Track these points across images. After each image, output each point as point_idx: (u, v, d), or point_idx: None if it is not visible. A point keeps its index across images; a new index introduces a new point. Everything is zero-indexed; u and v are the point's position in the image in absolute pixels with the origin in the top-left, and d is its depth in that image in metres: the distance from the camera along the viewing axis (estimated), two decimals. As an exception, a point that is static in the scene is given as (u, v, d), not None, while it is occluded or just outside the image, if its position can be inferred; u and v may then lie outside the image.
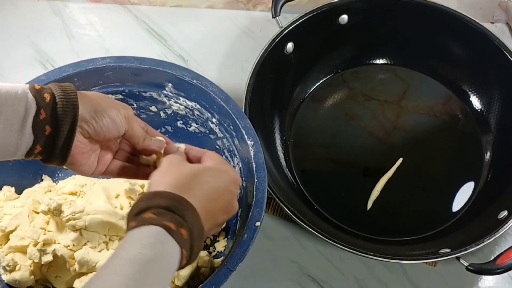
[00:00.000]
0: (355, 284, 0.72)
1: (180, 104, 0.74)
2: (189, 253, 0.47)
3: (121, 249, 0.44)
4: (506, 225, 0.67)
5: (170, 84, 0.72)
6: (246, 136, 0.67)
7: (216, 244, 0.71)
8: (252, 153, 0.66)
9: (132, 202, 0.69)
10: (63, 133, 0.50)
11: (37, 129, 0.49)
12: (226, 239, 0.71)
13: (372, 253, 0.65)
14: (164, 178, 0.50)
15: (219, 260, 0.68)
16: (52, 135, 0.50)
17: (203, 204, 0.49)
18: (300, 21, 0.81)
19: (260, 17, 0.96)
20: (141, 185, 0.70)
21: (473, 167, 0.80)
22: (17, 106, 0.48)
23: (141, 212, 0.46)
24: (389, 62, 0.89)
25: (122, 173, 0.59)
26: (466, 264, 0.64)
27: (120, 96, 0.74)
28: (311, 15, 0.82)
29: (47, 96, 0.50)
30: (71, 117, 0.50)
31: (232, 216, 0.54)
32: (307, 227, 0.66)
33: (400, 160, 0.79)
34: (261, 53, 0.78)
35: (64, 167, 0.54)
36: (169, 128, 0.78)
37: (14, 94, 0.49)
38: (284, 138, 0.82)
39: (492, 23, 0.95)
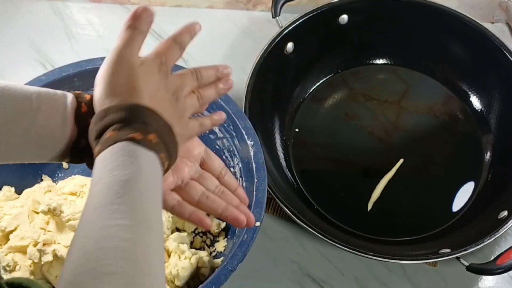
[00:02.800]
0: (355, 284, 0.72)
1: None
2: (167, 154, 0.45)
3: (95, 179, 0.42)
4: (506, 225, 0.67)
5: (170, 84, 0.72)
6: (246, 136, 0.67)
7: (216, 244, 0.71)
8: (252, 153, 0.66)
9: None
10: None
11: (81, 122, 0.48)
12: (226, 239, 0.71)
13: (372, 253, 0.65)
14: (106, 92, 0.46)
15: (219, 260, 0.68)
16: None
17: (152, 100, 0.46)
18: (300, 21, 0.81)
19: (260, 17, 0.96)
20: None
21: (473, 167, 0.80)
22: (56, 99, 0.48)
23: (101, 134, 0.44)
24: (389, 62, 0.89)
25: (177, 208, 0.53)
26: (466, 264, 0.64)
27: (120, 96, 0.74)
28: (311, 15, 0.82)
29: (88, 96, 0.50)
30: None
31: (180, 98, 0.50)
32: (307, 227, 0.66)
33: (401, 161, 0.79)
34: (261, 53, 0.78)
35: None
36: (169, 128, 0.78)
37: (53, 92, 0.49)
38: (284, 138, 0.82)
39: (492, 23, 0.95)
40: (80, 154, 0.50)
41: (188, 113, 0.51)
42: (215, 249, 0.71)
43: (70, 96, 0.49)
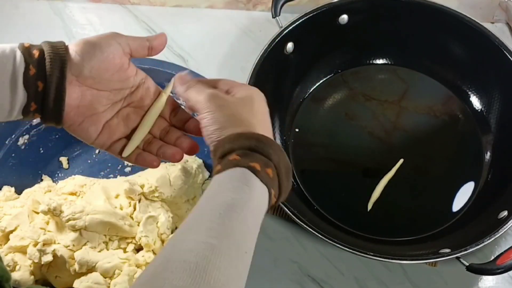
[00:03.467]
0: (355, 284, 0.72)
1: (180, 104, 0.74)
2: (277, 192, 0.46)
3: (207, 194, 0.43)
4: (506, 225, 0.67)
5: (170, 84, 0.72)
6: (246, 136, 0.67)
7: (216, 244, 0.71)
8: (252, 153, 0.66)
9: (132, 202, 0.70)
10: (53, 86, 0.48)
11: (29, 85, 0.48)
12: (226, 239, 0.71)
13: (372, 253, 0.65)
14: (235, 118, 0.48)
15: (219, 260, 0.68)
16: (44, 90, 0.49)
17: (269, 134, 0.48)
18: (300, 21, 0.81)
19: (260, 17, 0.96)
20: (141, 185, 0.70)
21: (473, 167, 0.80)
22: (5, 63, 0.48)
23: (226, 155, 0.45)
24: (389, 62, 0.89)
25: (136, 158, 0.55)
26: (466, 264, 0.64)
27: (120, 96, 0.74)
28: (311, 15, 0.82)
29: (36, 52, 0.49)
30: (59, 68, 0.48)
31: None
32: (307, 227, 0.66)
33: (401, 161, 0.79)
34: (261, 53, 0.78)
35: (66, 128, 0.52)
36: (169, 128, 0.78)
37: (1, 53, 0.48)
38: (284, 138, 0.82)
39: (492, 23, 0.95)
40: (32, 114, 0.50)
41: None
42: (215, 249, 0.70)
43: (18, 55, 0.48)
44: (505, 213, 0.69)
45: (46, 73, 0.48)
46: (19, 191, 0.72)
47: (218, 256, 0.38)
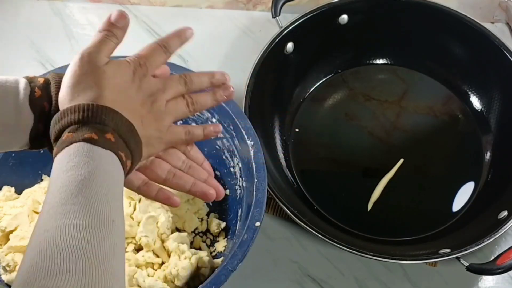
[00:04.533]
0: (355, 284, 0.72)
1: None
2: (128, 153, 0.45)
3: (51, 180, 0.42)
4: (506, 225, 0.67)
5: (170, 84, 0.72)
6: (246, 136, 0.67)
7: (216, 244, 0.71)
8: (252, 153, 0.66)
9: (132, 202, 0.70)
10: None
11: (36, 107, 0.48)
12: (226, 239, 0.71)
13: (372, 253, 0.65)
14: (68, 93, 0.46)
15: (219, 260, 0.68)
16: (50, 111, 0.48)
17: (116, 101, 0.46)
18: (300, 21, 0.81)
19: (260, 17, 0.96)
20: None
21: (473, 167, 0.80)
22: (7, 86, 0.48)
23: (59, 136, 0.44)
24: (389, 62, 0.89)
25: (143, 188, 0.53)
26: (466, 264, 0.64)
27: (120, 96, 0.74)
28: (311, 15, 0.82)
29: (41, 79, 0.49)
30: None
31: (157, 103, 0.50)
32: (307, 227, 0.66)
33: (401, 161, 0.79)
34: (261, 53, 0.78)
35: None
36: (169, 128, 0.78)
37: (4, 79, 0.48)
38: (284, 138, 0.82)
39: (492, 23, 0.95)
40: (39, 140, 0.49)
41: (170, 117, 0.51)
42: (215, 249, 0.71)
43: (22, 81, 0.49)
44: (505, 213, 0.69)
45: (52, 95, 0.48)
46: (19, 191, 0.72)
47: (90, 232, 0.38)
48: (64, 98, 0.46)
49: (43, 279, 0.34)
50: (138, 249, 0.68)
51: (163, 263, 0.67)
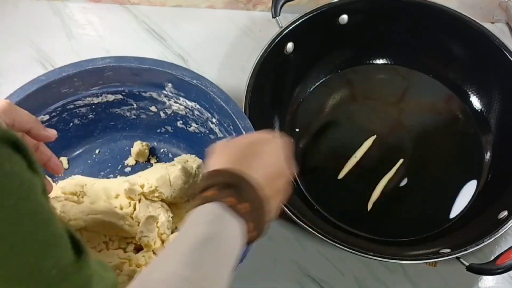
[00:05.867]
0: (355, 284, 0.72)
1: (180, 104, 0.74)
2: (255, 225, 0.47)
3: (182, 228, 0.45)
4: (506, 225, 0.67)
5: (170, 84, 0.72)
6: (246, 136, 0.67)
7: (216, 244, 0.71)
8: (252, 153, 0.66)
9: (132, 202, 0.70)
10: None
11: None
12: (226, 239, 0.71)
13: (372, 253, 0.65)
14: (222, 157, 0.51)
15: (219, 260, 0.68)
16: None
17: (261, 173, 0.49)
18: (300, 21, 0.81)
19: (260, 17, 0.96)
20: (141, 185, 0.70)
21: (473, 167, 0.80)
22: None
23: (204, 191, 0.47)
24: (389, 62, 0.89)
25: None
26: (466, 264, 0.64)
27: (120, 96, 0.74)
28: (311, 15, 0.82)
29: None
30: None
31: (290, 179, 0.54)
32: (307, 227, 0.66)
33: (401, 161, 0.79)
34: (261, 53, 0.78)
35: None
36: (169, 128, 0.78)
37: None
38: (284, 138, 0.82)
39: (492, 23, 0.95)
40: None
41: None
42: (215, 249, 0.70)
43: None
44: (505, 213, 0.69)
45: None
46: (19, 191, 0.72)
47: (191, 285, 0.39)
48: (216, 159, 0.51)
49: None
50: (138, 249, 0.68)
51: (163, 263, 0.67)
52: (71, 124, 0.76)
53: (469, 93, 0.86)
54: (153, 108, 0.76)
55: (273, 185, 0.51)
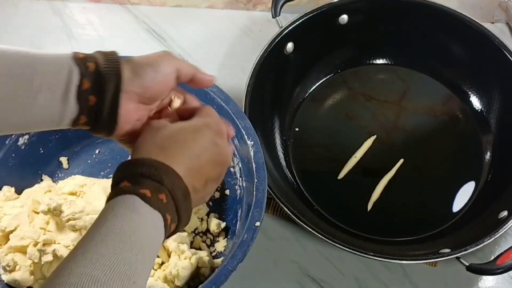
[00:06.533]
0: (355, 284, 0.72)
1: (180, 104, 0.74)
2: (175, 217, 0.46)
3: (96, 223, 0.42)
4: (506, 225, 0.67)
5: (170, 84, 0.72)
6: (246, 136, 0.67)
7: (216, 244, 0.71)
8: (252, 153, 0.66)
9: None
10: (107, 102, 0.48)
11: (82, 99, 0.48)
12: (226, 239, 0.71)
13: (372, 253, 0.65)
14: (144, 145, 0.49)
15: (219, 260, 0.68)
16: (97, 105, 0.48)
17: (186, 163, 0.47)
18: (300, 21, 0.81)
19: (260, 17, 0.96)
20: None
21: (473, 167, 0.80)
22: (59, 75, 0.47)
23: (119, 182, 0.45)
24: (389, 62, 0.89)
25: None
26: (466, 264, 0.64)
27: (120, 96, 0.74)
28: (311, 15, 0.82)
29: (91, 65, 0.48)
30: (114, 84, 0.48)
31: (226, 167, 0.52)
32: (307, 227, 0.66)
33: (401, 161, 0.79)
34: (261, 53, 0.78)
35: (116, 140, 0.53)
36: (169, 128, 0.78)
37: (57, 63, 0.47)
38: (284, 138, 0.82)
39: (492, 23, 0.95)
40: (79, 126, 0.50)
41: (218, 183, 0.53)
42: (215, 249, 0.71)
43: (73, 66, 0.47)
44: (505, 213, 0.69)
45: (101, 88, 0.48)
46: (19, 191, 0.72)
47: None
48: (139, 148, 0.48)
49: None
50: (138, 249, 0.68)
51: (163, 263, 0.67)
52: (71, 124, 0.76)
53: (469, 93, 0.86)
54: (153, 108, 0.76)
55: (199, 176, 0.49)
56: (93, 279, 0.37)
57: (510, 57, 0.79)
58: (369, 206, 0.77)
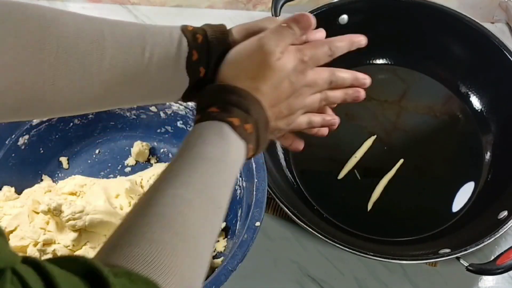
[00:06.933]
0: (355, 284, 0.72)
1: (180, 104, 0.74)
2: (255, 146, 0.46)
3: (186, 146, 0.43)
4: (506, 225, 0.67)
5: (170, 84, 0.72)
6: (246, 136, 0.67)
7: (216, 244, 0.71)
8: (252, 153, 0.66)
9: (132, 202, 0.70)
10: (210, 72, 0.48)
11: (191, 70, 0.48)
12: (226, 239, 0.71)
13: (372, 253, 0.65)
14: (231, 71, 0.47)
15: (219, 260, 0.68)
16: (206, 76, 0.49)
17: (269, 94, 0.47)
18: (300, 21, 0.81)
19: (260, 17, 0.93)
20: (141, 185, 0.71)
21: (473, 167, 0.80)
22: (169, 46, 0.47)
23: (207, 107, 0.45)
24: (389, 62, 0.89)
25: None
26: (466, 264, 0.64)
27: (120, 96, 0.74)
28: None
29: (199, 37, 0.48)
30: (222, 53, 0.48)
31: (308, 94, 0.50)
32: (307, 227, 0.66)
33: (401, 161, 0.79)
34: (261, 53, 0.78)
35: None
36: (169, 128, 0.78)
37: (168, 35, 0.48)
38: (284, 138, 0.82)
39: (492, 23, 0.95)
40: (190, 97, 0.50)
41: (303, 111, 0.52)
42: (215, 249, 0.71)
43: (184, 43, 0.47)
44: (505, 213, 0.69)
45: (211, 59, 0.48)
46: (19, 191, 0.72)
47: (193, 211, 0.38)
48: (226, 74, 0.47)
49: (128, 245, 0.35)
50: (138, 249, 0.68)
51: (163, 263, 0.67)
52: (71, 124, 0.76)
53: (469, 93, 0.86)
54: (153, 108, 0.76)
55: (278, 108, 0.48)
56: (186, 201, 0.38)
57: (510, 57, 0.79)
58: (369, 206, 0.76)
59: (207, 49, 0.48)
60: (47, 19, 0.46)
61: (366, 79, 0.55)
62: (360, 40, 0.54)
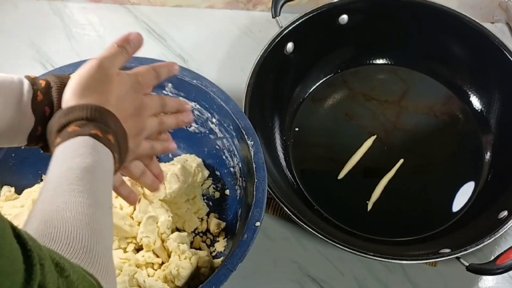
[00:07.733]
0: (355, 284, 0.72)
1: (180, 104, 0.74)
2: (119, 157, 0.49)
3: (54, 165, 0.45)
4: (506, 225, 0.67)
5: (170, 84, 0.72)
6: (246, 136, 0.67)
7: (216, 244, 0.71)
8: (252, 153, 0.66)
9: (132, 202, 0.70)
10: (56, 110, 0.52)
11: (37, 110, 0.51)
12: (226, 239, 0.71)
13: (372, 253, 0.65)
14: (77, 92, 0.50)
15: (219, 260, 0.68)
16: (51, 116, 0.51)
17: (118, 107, 0.51)
18: (300, 21, 0.81)
19: (260, 17, 0.96)
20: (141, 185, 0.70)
21: (473, 167, 0.80)
22: (13, 88, 0.51)
23: (63, 128, 0.48)
24: (389, 62, 0.89)
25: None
26: (466, 264, 0.64)
27: (120, 96, 0.74)
28: (311, 15, 0.82)
29: (42, 82, 0.53)
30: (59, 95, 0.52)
31: (147, 115, 0.55)
32: (307, 227, 0.66)
33: (401, 161, 0.79)
34: (261, 53, 0.78)
35: None
36: (169, 128, 0.78)
37: (10, 79, 0.51)
38: (284, 138, 0.82)
39: (492, 23, 0.95)
40: (35, 140, 0.53)
41: (145, 132, 0.56)
42: (215, 249, 0.71)
43: (26, 84, 0.52)
44: (505, 213, 0.69)
45: (53, 101, 0.52)
46: (19, 191, 0.72)
47: (92, 210, 0.42)
48: (72, 96, 0.50)
49: (49, 243, 0.37)
50: (138, 249, 0.68)
51: (163, 263, 0.67)
52: (71, 124, 0.76)
53: (469, 93, 0.86)
54: (153, 108, 0.76)
55: (127, 124, 0.51)
56: (81, 204, 0.42)
57: (510, 57, 0.79)
58: (369, 206, 0.77)
59: (50, 92, 0.52)
60: None
61: (187, 104, 0.61)
62: (176, 68, 0.60)
